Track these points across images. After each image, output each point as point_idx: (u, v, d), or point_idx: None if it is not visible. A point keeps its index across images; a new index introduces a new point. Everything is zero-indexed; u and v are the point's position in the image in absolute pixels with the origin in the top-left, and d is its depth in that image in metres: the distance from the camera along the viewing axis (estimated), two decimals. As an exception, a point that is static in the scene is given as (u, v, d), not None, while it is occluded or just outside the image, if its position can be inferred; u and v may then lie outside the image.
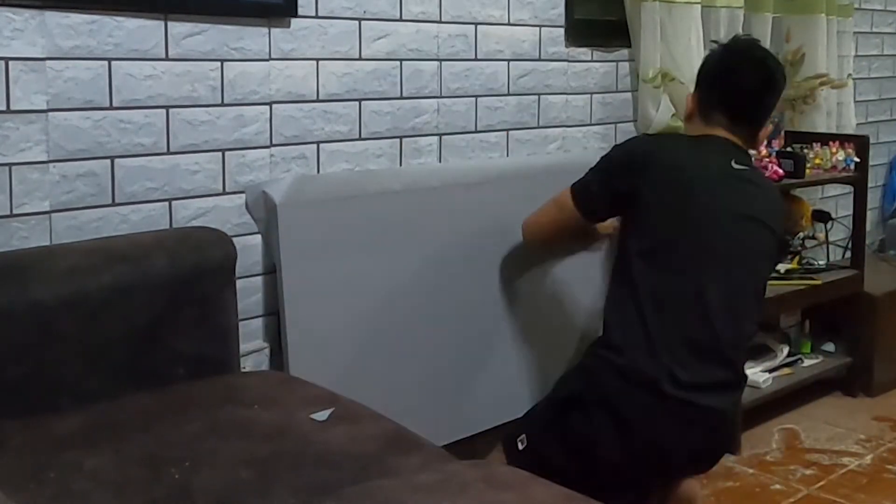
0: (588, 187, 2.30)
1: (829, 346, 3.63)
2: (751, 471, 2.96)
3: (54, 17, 1.96)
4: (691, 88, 3.00)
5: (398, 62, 2.52)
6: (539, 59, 2.86)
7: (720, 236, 2.15)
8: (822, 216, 3.53)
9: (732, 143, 2.25)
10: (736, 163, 2.22)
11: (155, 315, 1.96)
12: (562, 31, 2.91)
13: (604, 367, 2.12)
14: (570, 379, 2.26)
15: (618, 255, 2.27)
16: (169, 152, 2.15)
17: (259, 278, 2.32)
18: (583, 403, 2.15)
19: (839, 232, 3.71)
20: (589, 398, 2.14)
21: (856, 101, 3.94)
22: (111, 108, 2.05)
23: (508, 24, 2.76)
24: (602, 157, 2.32)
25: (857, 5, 3.97)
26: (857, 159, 3.44)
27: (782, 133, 3.40)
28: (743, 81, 2.25)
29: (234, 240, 2.15)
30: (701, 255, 2.13)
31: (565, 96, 2.96)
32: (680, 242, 2.15)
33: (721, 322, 2.10)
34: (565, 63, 2.94)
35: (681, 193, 2.17)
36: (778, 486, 2.86)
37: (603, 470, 2.10)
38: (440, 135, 2.64)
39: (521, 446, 2.23)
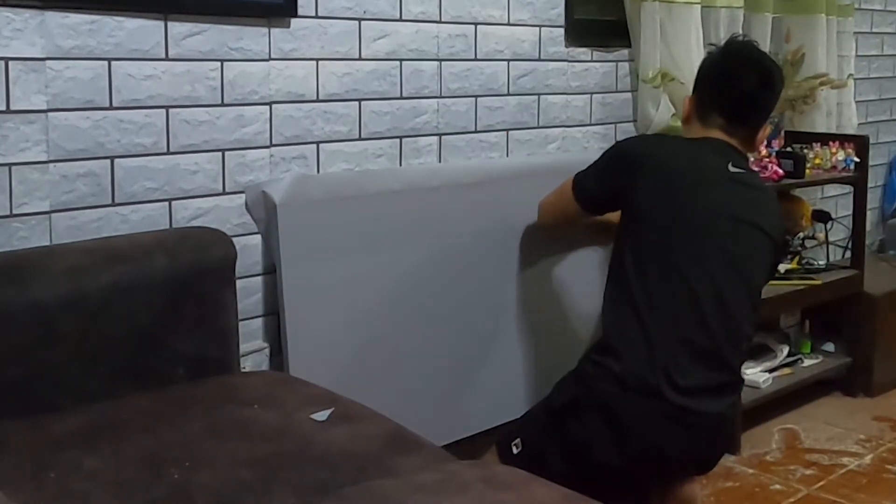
0: (586, 180, 2.35)
1: (829, 346, 3.63)
2: (751, 471, 2.96)
3: (54, 17, 1.96)
4: (691, 89, 3.00)
5: (398, 62, 2.52)
6: (539, 59, 2.86)
7: (715, 239, 2.14)
8: (822, 216, 3.53)
9: (730, 146, 2.24)
10: (733, 165, 2.21)
11: (155, 315, 1.96)
12: (562, 31, 2.91)
13: (601, 372, 2.12)
14: (566, 384, 2.24)
15: (613, 256, 2.27)
16: (169, 152, 2.15)
17: (259, 278, 2.32)
18: (580, 409, 2.14)
19: (839, 232, 3.71)
20: (586, 404, 2.13)
21: (856, 101, 3.94)
22: (111, 108, 2.05)
23: (508, 24, 2.76)
24: (604, 152, 2.36)
25: (857, 5, 3.97)
26: (856, 159, 3.44)
27: (782, 133, 3.40)
28: (739, 82, 2.25)
29: (234, 240, 2.15)
30: (695, 258, 2.13)
31: (565, 96, 2.96)
32: (674, 245, 2.14)
33: (717, 325, 2.10)
34: (565, 63, 2.94)
35: (676, 195, 2.17)
36: (778, 486, 2.86)
37: (600, 474, 2.09)
38: (440, 135, 2.64)
39: (515, 450, 2.22)
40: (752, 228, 2.18)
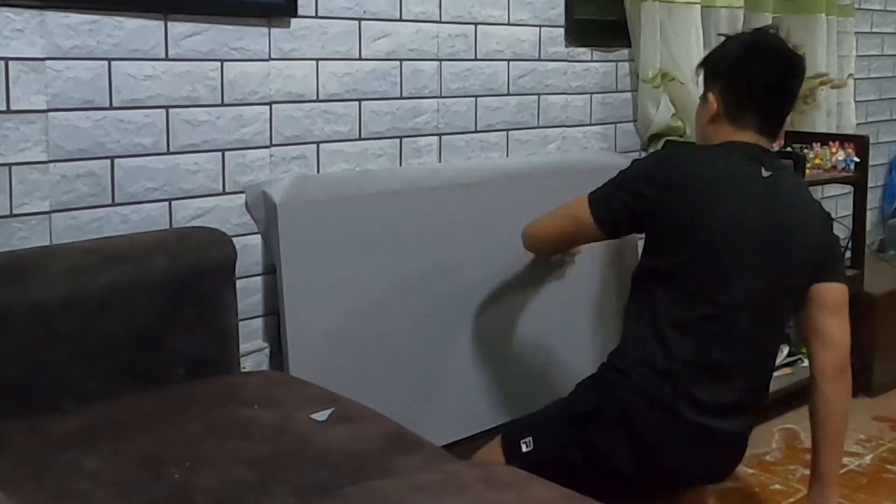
0: (609, 203, 2.17)
1: (830, 346, 3.62)
2: (751, 471, 2.95)
3: (54, 17, 1.96)
4: (691, 88, 2.97)
5: (398, 62, 2.52)
6: (539, 59, 2.86)
7: (747, 258, 2.06)
8: (822, 216, 3.53)
9: (761, 148, 2.15)
10: (766, 169, 2.11)
11: (155, 315, 1.96)
12: (562, 31, 2.91)
13: (623, 383, 2.07)
14: (589, 390, 2.18)
15: (639, 269, 2.19)
16: (169, 152, 2.15)
17: (259, 278, 2.32)
18: (602, 418, 2.09)
19: (839, 232, 3.69)
20: (609, 414, 2.08)
21: (856, 101, 3.94)
22: (111, 108, 2.05)
23: (508, 24, 2.76)
24: (622, 172, 2.20)
25: (857, 5, 3.97)
26: (856, 159, 3.44)
27: (782, 133, 3.40)
28: (774, 79, 2.15)
29: (234, 240, 2.15)
30: (723, 276, 2.05)
31: (565, 96, 2.96)
32: (701, 263, 2.07)
33: (743, 346, 2.06)
34: (565, 63, 2.94)
35: (703, 211, 2.07)
36: (778, 486, 2.86)
37: (612, 480, 2.07)
38: (440, 135, 2.64)
39: (525, 448, 2.16)
40: (787, 238, 2.08)
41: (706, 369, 2.05)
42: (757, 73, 2.15)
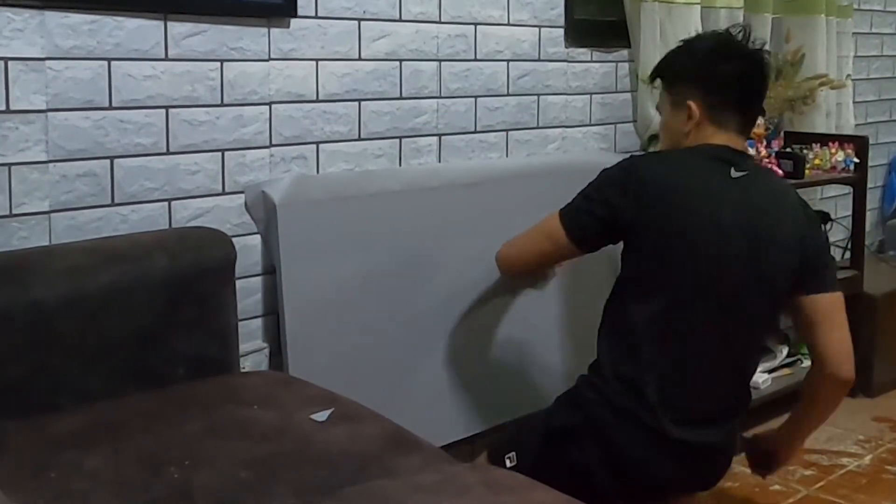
0: (579, 216, 2.15)
1: (829, 347, 3.62)
2: (750, 471, 2.95)
3: (54, 17, 1.96)
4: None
5: (398, 62, 2.52)
6: (539, 60, 2.86)
7: (717, 259, 2.03)
8: (821, 217, 3.52)
9: (731, 150, 2.11)
10: (737, 170, 2.08)
11: (155, 315, 1.96)
12: (561, 31, 2.91)
13: (598, 400, 2.06)
14: (565, 406, 2.16)
15: (616, 285, 2.16)
16: (169, 152, 2.15)
17: (259, 278, 2.32)
18: (579, 436, 2.08)
19: (839, 232, 3.71)
20: (585, 431, 2.07)
21: (855, 102, 3.94)
22: (111, 108, 2.05)
23: (508, 24, 2.76)
24: (590, 184, 2.16)
25: (856, 6, 3.98)
26: (856, 160, 3.44)
27: (782, 133, 3.40)
28: (748, 73, 2.14)
29: (234, 240, 2.16)
30: (703, 291, 2.03)
31: (565, 97, 2.96)
32: (679, 275, 2.04)
33: (719, 353, 2.04)
34: (565, 63, 2.94)
35: (673, 216, 2.04)
36: (777, 487, 2.86)
37: (593, 496, 2.05)
38: (440, 135, 2.64)
39: (508, 464, 2.15)
40: (761, 240, 2.05)
41: (680, 378, 2.03)
42: (734, 74, 2.13)
